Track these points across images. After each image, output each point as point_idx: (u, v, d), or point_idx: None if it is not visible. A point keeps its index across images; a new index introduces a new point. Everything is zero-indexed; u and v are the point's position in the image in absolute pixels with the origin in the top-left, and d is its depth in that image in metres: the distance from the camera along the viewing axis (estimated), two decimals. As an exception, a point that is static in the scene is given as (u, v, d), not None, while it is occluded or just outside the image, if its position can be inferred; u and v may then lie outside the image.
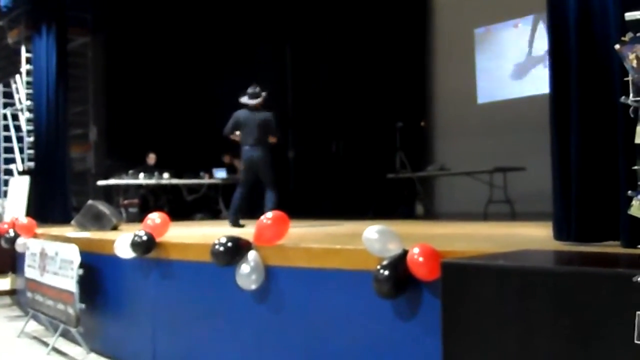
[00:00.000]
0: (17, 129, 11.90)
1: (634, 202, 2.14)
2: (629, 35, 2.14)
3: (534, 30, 10.24)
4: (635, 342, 2.16)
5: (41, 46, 10.74)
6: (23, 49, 11.57)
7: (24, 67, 11.53)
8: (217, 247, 4.42)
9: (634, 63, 2.12)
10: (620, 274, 2.38)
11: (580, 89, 3.88)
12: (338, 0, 11.72)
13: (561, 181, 4.02)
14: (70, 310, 5.60)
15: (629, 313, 2.19)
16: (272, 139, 8.02)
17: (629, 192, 2.16)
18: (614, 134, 3.56)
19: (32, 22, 11.14)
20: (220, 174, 12.06)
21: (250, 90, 8.10)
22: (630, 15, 2.15)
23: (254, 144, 7.87)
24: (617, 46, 2.16)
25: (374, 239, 3.68)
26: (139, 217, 8.47)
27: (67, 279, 5.69)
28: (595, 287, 2.45)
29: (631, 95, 2.14)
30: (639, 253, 2.15)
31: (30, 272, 6.60)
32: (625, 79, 2.17)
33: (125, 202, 10.90)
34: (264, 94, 8.10)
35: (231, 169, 12.36)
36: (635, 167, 2.15)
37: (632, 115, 2.15)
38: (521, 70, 10.52)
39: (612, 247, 3.59)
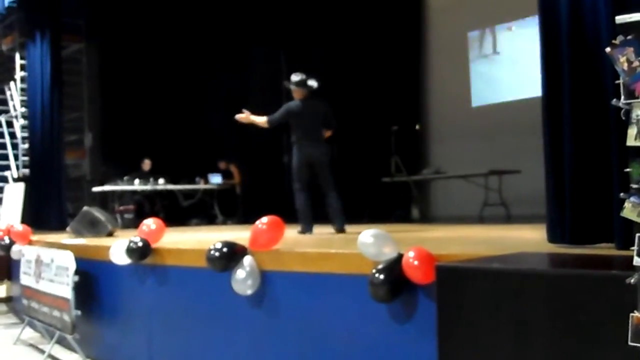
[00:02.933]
0: (12, 135, 11.87)
1: (626, 204, 2.15)
2: (619, 38, 2.15)
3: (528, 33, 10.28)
4: (629, 343, 2.17)
5: (35, 53, 10.73)
6: (17, 55, 11.56)
7: (18, 74, 11.51)
8: (212, 252, 4.42)
9: (625, 66, 2.13)
10: (614, 276, 2.39)
11: (572, 92, 3.89)
12: (332, 5, 11.74)
13: (555, 184, 4.03)
14: (66, 317, 5.59)
15: (622, 315, 2.20)
16: (327, 133, 7.22)
17: (622, 194, 2.17)
18: (606, 137, 3.58)
19: (26, 28, 11.13)
20: (215, 179, 12.07)
21: (298, 77, 7.25)
22: (620, 19, 2.16)
23: (314, 139, 7.02)
24: (608, 49, 2.17)
25: (369, 243, 3.68)
26: (135, 223, 8.47)
27: (63, 286, 5.68)
28: (589, 290, 2.46)
29: (622, 98, 2.15)
30: (632, 255, 2.16)
31: (26, 279, 6.59)
32: (617, 81, 2.18)
33: (121, 208, 10.88)
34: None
35: (226, 175, 12.37)
36: (628, 170, 2.15)
37: (623, 118, 2.16)
38: (516, 73, 10.55)
39: (606, 250, 3.61)
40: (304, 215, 7.07)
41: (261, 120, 7.20)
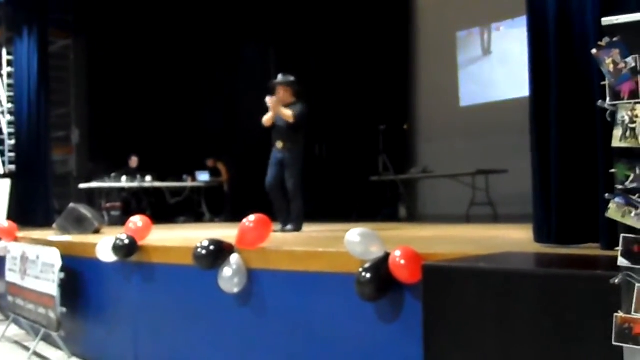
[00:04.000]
0: (-2, 131, 11.82)
1: (611, 205, 2.16)
2: (605, 40, 2.16)
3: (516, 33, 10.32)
4: (613, 343, 2.18)
5: (22, 48, 10.67)
6: (4, 51, 11.51)
7: (5, 69, 11.46)
8: (199, 250, 4.42)
9: (611, 67, 2.14)
10: (599, 276, 2.41)
11: (559, 93, 3.92)
12: (322, 3, 11.73)
13: (541, 184, 4.06)
14: (52, 314, 5.56)
15: (607, 314, 2.21)
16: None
17: (607, 195, 2.18)
18: (592, 137, 3.61)
19: (13, 24, 11.07)
20: (203, 177, 12.05)
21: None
22: (607, 20, 2.17)
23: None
24: (594, 51, 2.18)
25: (356, 241, 3.69)
26: (121, 220, 8.45)
27: (49, 283, 5.65)
28: (574, 289, 2.48)
29: (608, 99, 2.16)
30: (617, 255, 2.17)
31: (11, 275, 6.55)
32: (603, 83, 2.19)
33: (108, 205, 10.84)
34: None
35: (214, 172, 12.34)
36: (613, 170, 2.17)
37: (608, 119, 2.18)
38: (504, 73, 10.59)
39: (592, 250, 3.63)
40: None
41: (287, 113, 6.98)
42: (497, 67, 10.75)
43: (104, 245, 5.36)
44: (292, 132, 7.10)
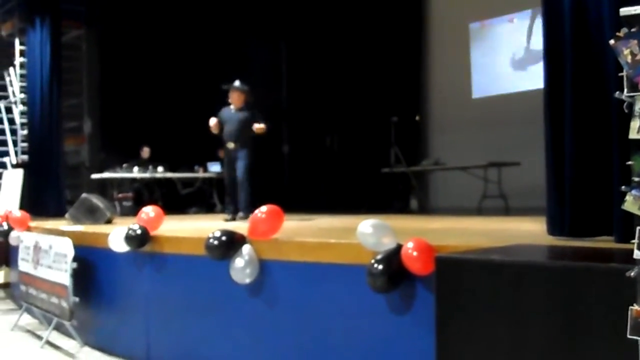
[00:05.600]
0: (11, 121, 11.85)
1: (627, 197, 2.14)
2: (623, 31, 2.13)
3: (530, 25, 10.25)
4: (628, 336, 2.17)
5: (35, 39, 10.69)
6: (17, 41, 11.52)
7: (18, 59, 11.48)
8: (211, 240, 4.42)
9: (629, 58, 2.12)
10: (613, 269, 2.39)
11: (574, 84, 3.88)
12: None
13: (555, 176, 4.03)
14: (64, 304, 5.59)
15: (621, 308, 2.20)
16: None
17: (623, 187, 2.16)
18: (608, 129, 3.58)
19: (25, 14, 11.08)
20: (214, 168, 12.04)
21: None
22: (625, 11, 2.15)
23: None
24: (611, 41, 2.16)
25: (368, 233, 3.68)
26: (133, 211, 8.45)
27: (61, 273, 5.68)
28: (588, 282, 2.46)
29: (625, 90, 2.14)
30: (632, 248, 2.15)
31: (24, 265, 6.59)
32: (620, 74, 2.16)
33: (120, 195, 10.86)
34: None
35: (225, 163, 12.34)
36: (629, 162, 2.14)
37: (626, 111, 2.15)
38: (517, 65, 10.53)
39: (606, 242, 3.61)
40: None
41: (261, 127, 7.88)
42: (510, 58, 10.69)
43: (116, 236, 5.38)
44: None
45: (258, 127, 7.82)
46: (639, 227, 2.13)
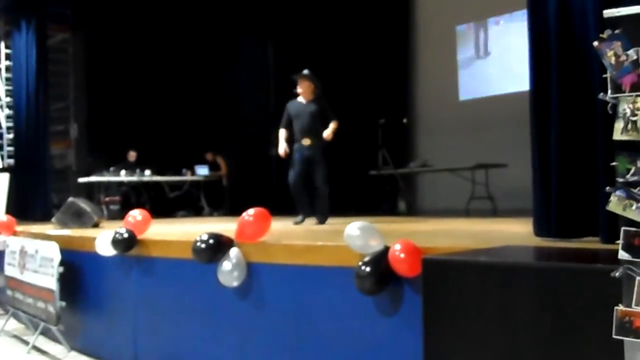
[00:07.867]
0: (-3, 125, 11.80)
1: (612, 198, 2.15)
2: (607, 33, 2.15)
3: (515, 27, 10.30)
4: (614, 336, 2.18)
5: (21, 42, 10.64)
6: (2, 44, 11.47)
7: (3, 63, 11.44)
8: (198, 244, 4.41)
9: (612, 60, 2.13)
10: (599, 270, 2.40)
11: (560, 86, 3.91)
12: (320, -3, 11.72)
13: (541, 178, 4.05)
14: (51, 309, 5.56)
15: (607, 308, 2.21)
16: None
17: (607, 188, 2.17)
18: (593, 131, 3.60)
19: (11, 17, 11.04)
20: (202, 171, 12.03)
21: None
22: (608, 13, 2.16)
23: None
24: (595, 43, 2.17)
25: (355, 235, 3.68)
26: (120, 215, 8.42)
27: (48, 277, 5.64)
28: (575, 283, 2.47)
29: (609, 92, 2.16)
30: (617, 248, 2.17)
31: (10, 270, 6.54)
32: (604, 75, 2.18)
33: (107, 199, 10.81)
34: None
35: (213, 166, 12.33)
36: (614, 163, 2.16)
37: (610, 112, 2.17)
38: (503, 67, 10.58)
39: (592, 243, 3.63)
40: None
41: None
42: (497, 61, 10.73)
43: (103, 239, 5.35)
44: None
45: (328, 134, 7.23)
46: (624, 228, 2.15)
